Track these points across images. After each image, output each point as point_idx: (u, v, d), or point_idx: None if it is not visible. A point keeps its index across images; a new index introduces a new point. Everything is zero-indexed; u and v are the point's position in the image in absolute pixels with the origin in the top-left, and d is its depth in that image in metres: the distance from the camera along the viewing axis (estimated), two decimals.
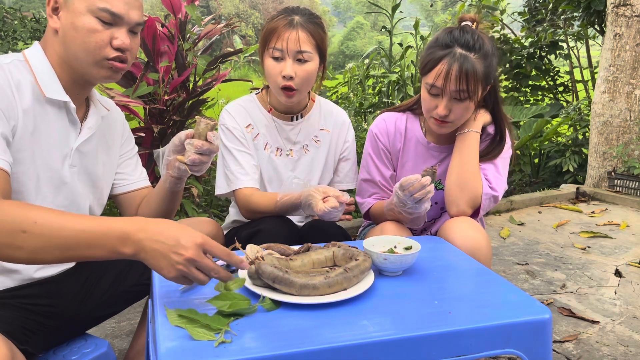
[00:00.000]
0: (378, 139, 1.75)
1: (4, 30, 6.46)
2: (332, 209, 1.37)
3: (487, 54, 1.53)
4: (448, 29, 1.58)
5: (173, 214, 1.51)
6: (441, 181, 1.75)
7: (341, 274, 1.05)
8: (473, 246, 1.42)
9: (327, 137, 1.78)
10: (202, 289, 1.10)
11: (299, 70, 1.57)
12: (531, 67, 5.74)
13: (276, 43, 1.55)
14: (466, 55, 1.50)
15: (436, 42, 1.55)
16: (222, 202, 3.33)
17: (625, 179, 4.26)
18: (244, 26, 30.71)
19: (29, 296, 1.22)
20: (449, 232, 1.48)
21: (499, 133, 1.72)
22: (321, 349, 0.88)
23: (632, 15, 4.18)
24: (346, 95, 5.80)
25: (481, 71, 1.51)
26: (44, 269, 1.26)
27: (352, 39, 39.72)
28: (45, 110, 1.22)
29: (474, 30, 1.55)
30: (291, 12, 1.59)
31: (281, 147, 1.73)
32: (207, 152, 1.28)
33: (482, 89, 1.57)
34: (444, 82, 1.50)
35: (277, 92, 1.62)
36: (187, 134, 1.29)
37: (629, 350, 1.96)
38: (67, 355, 1.30)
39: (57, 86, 1.23)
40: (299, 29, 1.55)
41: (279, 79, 1.57)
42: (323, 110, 1.79)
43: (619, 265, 2.83)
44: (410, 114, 1.79)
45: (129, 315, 2.16)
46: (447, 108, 1.54)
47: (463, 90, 1.50)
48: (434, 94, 1.55)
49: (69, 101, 1.25)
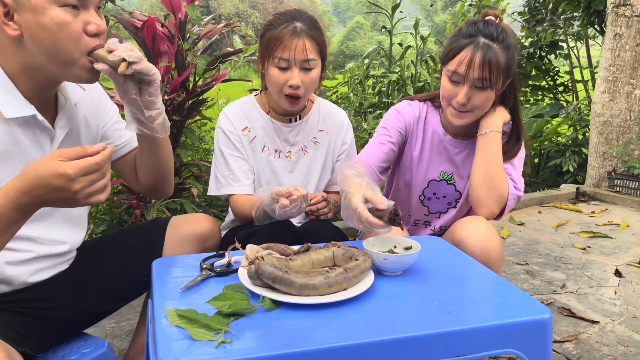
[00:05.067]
0: (399, 113, 1.73)
1: None
2: (284, 209, 1.40)
3: (509, 46, 1.55)
4: (472, 20, 1.60)
5: (168, 170, 1.40)
6: (453, 175, 1.75)
7: (341, 274, 1.05)
8: (487, 246, 1.43)
9: (325, 138, 1.77)
10: (202, 289, 1.10)
11: (305, 79, 1.57)
12: (531, 67, 5.75)
13: (282, 53, 1.53)
14: (490, 45, 1.52)
15: (460, 32, 1.57)
16: (222, 202, 3.33)
17: (625, 179, 4.26)
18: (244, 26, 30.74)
19: (24, 300, 1.21)
20: (462, 232, 1.48)
21: (515, 131, 1.71)
22: (321, 349, 0.87)
23: (632, 15, 4.18)
24: (346, 95, 5.80)
25: (503, 62, 1.53)
26: (38, 273, 1.24)
27: (352, 39, 39.73)
28: (9, 128, 1.11)
29: (498, 23, 1.57)
30: (291, 18, 1.57)
31: (279, 149, 1.72)
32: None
33: (502, 81, 1.57)
34: (467, 69, 1.52)
35: (281, 100, 1.61)
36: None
37: (629, 350, 1.96)
38: (67, 355, 1.29)
39: (17, 100, 1.12)
40: (303, 37, 1.54)
41: (284, 88, 1.57)
42: (322, 111, 1.79)
43: (619, 265, 2.83)
44: (431, 105, 1.78)
45: (129, 315, 2.16)
46: (467, 96, 1.55)
47: (485, 79, 1.52)
48: (455, 81, 1.56)
49: (36, 114, 1.14)
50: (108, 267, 1.38)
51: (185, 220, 1.47)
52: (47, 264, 1.26)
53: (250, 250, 1.15)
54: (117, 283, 1.38)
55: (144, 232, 1.46)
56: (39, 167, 0.94)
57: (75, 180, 0.93)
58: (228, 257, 1.21)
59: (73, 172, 0.93)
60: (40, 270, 1.25)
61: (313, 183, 1.76)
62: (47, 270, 1.27)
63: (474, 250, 1.42)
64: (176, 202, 2.70)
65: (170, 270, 1.21)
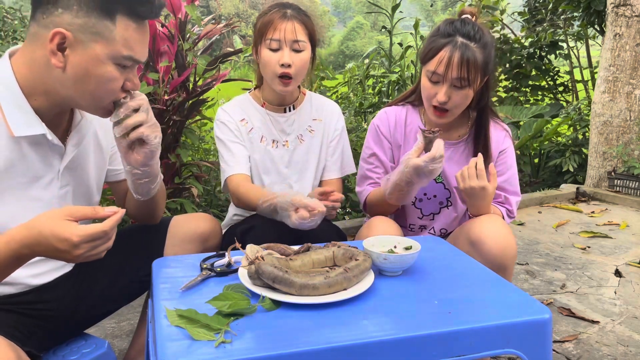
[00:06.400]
0: (379, 130, 1.78)
1: (4, 30, 6.45)
2: (302, 220, 1.37)
3: (486, 44, 1.58)
4: (449, 20, 1.63)
5: (156, 216, 1.44)
6: (441, 174, 1.75)
7: (341, 274, 1.05)
8: (505, 246, 1.44)
9: (320, 125, 1.82)
10: (202, 289, 1.10)
11: (296, 59, 1.63)
12: (531, 67, 5.74)
13: (273, 34, 1.62)
14: (467, 44, 1.55)
15: (438, 32, 1.60)
16: (222, 202, 3.33)
17: (625, 179, 4.26)
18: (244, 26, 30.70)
19: (28, 302, 1.22)
20: (479, 231, 1.48)
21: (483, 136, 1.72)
22: (321, 349, 0.88)
23: (632, 15, 4.18)
24: (346, 95, 5.80)
25: (481, 60, 1.56)
26: (42, 275, 1.25)
27: (352, 39, 39.71)
28: (17, 145, 1.10)
29: (474, 22, 1.61)
30: (282, 6, 1.67)
31: (276, 139, 1.78)
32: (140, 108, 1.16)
33: (480, 79, 1.61)
34: (446, 69, 1.54)
35: (273, 82, 1.67)
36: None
37: (629, 350, 1.96)
38: (67, 355, 1.30)
39: (27, 117, 1.09)
40: (293, 20, 1.63)
41: (276, 68, 1.63)
42: (314, 102, 1.85)
43: (619, 265, 2.83)
44: (410, 106, 1.81)
45: (129, 315, 2.16)
46: (446, 95, 1.58)
47: (463, 78, 1.55)
48: (435, 82, 1.59)
49: (46, 133, 1.12)
50: (109, 267, 1.37)
51: (187, 219, 1.47)
52: (51, 266, 1.26)
53: (250, 250, 1.15)
54: (118, 283, 1.38)
55: (144, 232, 1.46)
56: (44, 225, 0.94)
57: (79, 247, 0.94)
58: (228, 257, 1.21)
59: (78, 239, 0.93)
60: (45, 273, 1.26)
61: (311, 170, 1.80)
62: (51, 273, 1.28)
63: (490, 249, 1.43)
64: (176, 202, 2.70)
65: (170, 270, 1.21)
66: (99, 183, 1.37)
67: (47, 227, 0.93)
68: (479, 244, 1.45)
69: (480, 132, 1.73)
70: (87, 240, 0.94)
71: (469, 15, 1.64)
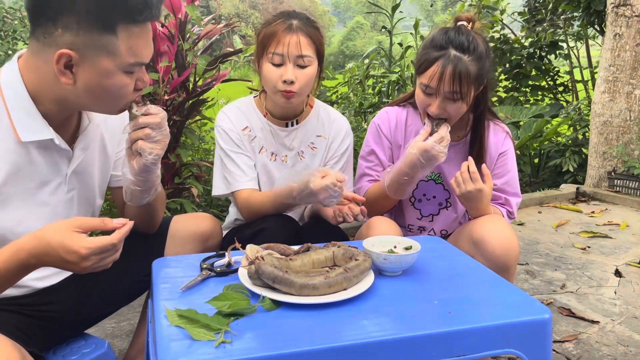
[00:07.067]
0: (380, 129, 1.77)
1: (4, 30, 6.45)
2: (330, 184, 1.36)
3: (481, 55, 1.55)
4: (444, 29, 1.59)
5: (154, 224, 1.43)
6: (440, 175, 1.75)
7: (341, 274, 1.05)
8: (508, 246, 1.44)
9: (323, 143, 1.74)
10: (202, 289, 1.10)
11: (300, 75, 1.54)
12: (531, 67, 5.75)
13: (276, 48, 1.52)
14: (460, 57, 1.52)
15: (431, 43, 1.57)
16: (222, 202, 3.33)
17: (625, 179, 4.26)
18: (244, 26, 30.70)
19: (30, 304, 1.23)
20: (482, 231, 1.48)
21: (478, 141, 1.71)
22: (321, 349, 0.88)
23: (632, 15, 4.18)
24: (346, 95, 5.80)
25: (474, 73, 1.54)
26: (45, 279, 1.26)
27: (352, 39, 39.72)
28: (25, 149, 1.10)
29: (469, 31, 1.57)
30: (288, 16, 1.56)
31: (276, 153, 1.71)
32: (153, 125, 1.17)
33: (474, 90, 1.59)
34: (438, 83, 1.53)
35: (275, 96, 1.58)
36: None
37: (629, 350, 1.96)
38: (67, 355, 1.30)
39: (35, 122, 1.09)
40: (299, 33, 1.52)
41: (278, 84, 1.54)
42: (322, 116, 1.76)
43: (619, 265, 2.83)
44: (411, 107, 1.80)
45: (129, 315, 2.16)
46: (440, 107, 1.57)
47: (456, 92, 1.53)
48: (428, 94, 1.58)
49: (54, 137, 1.12)
50: (110, 269, 1.37)
51: (187, 219, 1.47)
52: (56, 269, 1.26)
53: (250, 250, 1.15)
54: (119, 284, 1.38)
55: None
56: (53, 237, 0.94)
57: (87, 259, 0.95)
58: (228, 257, 1.21)
59: (87, 252, 0.94)
60: (49, 276, 1.27)
61: None
62: (55, 276, 1.29)
63: (494, 249, 1.43)
64: (176, 202, 2.70)
65: (170, 270, 1.21)
66: (103, 187, 1.38)
67: (56, 238, 0.94)
68: (482, 244, 1.45)
69: (476, 136, 1.72)
70: (95, 252, 0.95)
71: (465, 22, 1.60)
